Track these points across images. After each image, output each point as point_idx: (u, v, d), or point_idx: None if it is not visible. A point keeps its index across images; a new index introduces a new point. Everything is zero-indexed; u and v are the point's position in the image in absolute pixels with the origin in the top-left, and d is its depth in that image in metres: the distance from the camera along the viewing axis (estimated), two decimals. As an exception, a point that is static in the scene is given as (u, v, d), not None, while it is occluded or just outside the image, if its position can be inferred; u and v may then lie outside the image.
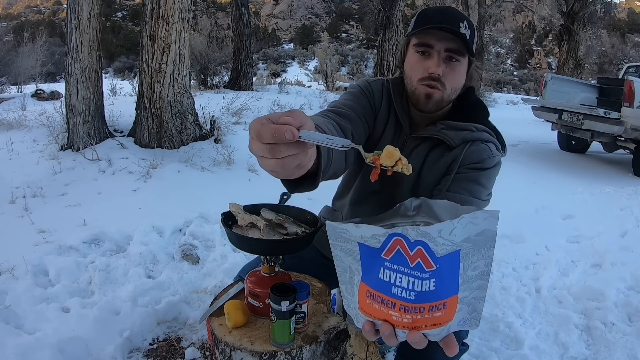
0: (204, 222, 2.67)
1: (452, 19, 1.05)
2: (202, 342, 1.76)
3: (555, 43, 16.08)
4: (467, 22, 1.06)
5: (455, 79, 1.09)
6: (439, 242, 0.56)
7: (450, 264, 0.58)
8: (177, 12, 3.71)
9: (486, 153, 1.13)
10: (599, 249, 2.69)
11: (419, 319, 0.59)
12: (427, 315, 0.59)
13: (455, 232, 0.56)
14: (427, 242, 0.56)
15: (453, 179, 1.13)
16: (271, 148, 0.58)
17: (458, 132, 1.14)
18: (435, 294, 0.58)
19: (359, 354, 1.05)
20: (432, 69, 1.06)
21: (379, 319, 0.63)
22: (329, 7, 58.76)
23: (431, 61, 1.07)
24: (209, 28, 16.15)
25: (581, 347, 1.82)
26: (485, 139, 1.15)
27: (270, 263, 1.14)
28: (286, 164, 0.60)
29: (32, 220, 2.66)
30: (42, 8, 60.46)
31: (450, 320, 0.61)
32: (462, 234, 0.57)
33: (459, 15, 1.08)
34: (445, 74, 1.07)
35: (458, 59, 1.07)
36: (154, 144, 3.93)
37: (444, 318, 0.60)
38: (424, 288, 0.58)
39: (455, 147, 1.14)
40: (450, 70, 1.08)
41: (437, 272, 0.57)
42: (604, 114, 4.79)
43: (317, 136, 0.59)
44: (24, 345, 1.52)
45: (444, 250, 0.57)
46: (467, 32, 1.06)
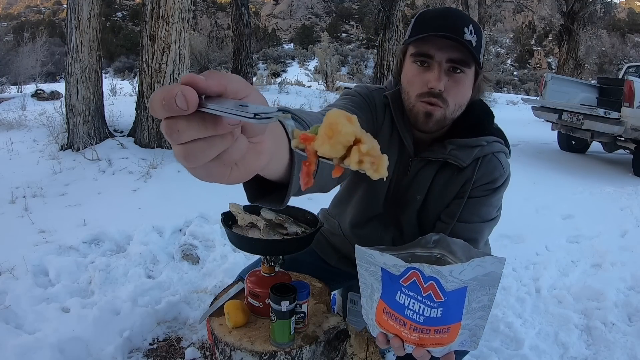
0: (204, 222, 2.67)
1: (455, 23, 0.91)
2: (202, 342, 1.76)
3: (555, 43, 16.08)
4: (474, 26, 0.92)
5: (459, 94, 0.95)
6: (449, 279, 0.66)
7: (457, 297, 0.68)
8: (177, 12, 3.71)
9: (498, 170, 1.04)
10: (599, 249, 2.69)
11: (425, 338, 0.70)
12: (433, 336, 0.70)
13: (464, 273, 0.66)
14: (439, 279, 0.66)
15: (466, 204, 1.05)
16: (167, 125, 0.34)
17: (470, 150, 1.03)
18: (441, 320, 0.68)
19: (359, 354, 1.05)
20: (432, 83, 0.92)
21: (391, 333, 0.74)
22: (329, 7, 58.76)
23: (431, 74, 0.93)
24: (209, 28, 16.17)
25: (581, 347, 1.82)
26: (497, 149, 1.06)
27: (270, 263, 1.14)
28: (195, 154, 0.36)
29: (32, 220, 2.66)
30: (42, 8, 60.47)
31: (452, 342, 0.71)
32: (471, 274, 0.67)
33: (463, 18, 0.93)
34: (447, 88, 0.93)
35: (462, 70, 0.93)
36: (154, 144, 3.93)
37: (447, 340, 0.71)
38: (432, 314, 0.68)
39: (466, 167, 1.04)
40: (454, 83, 0.94)
41: (444, 303, 0.67)
42: (604, 114, 4.79)
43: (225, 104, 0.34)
44: (24, 345, 1.52)
45: (452, 287, 0.67)
46: (473, 39, 0.91)
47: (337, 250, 1.33)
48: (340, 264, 1.34)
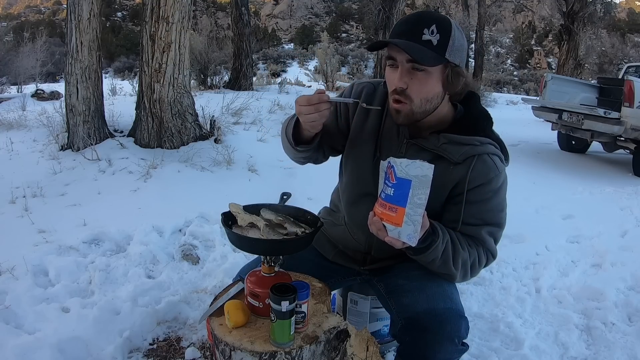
0: (204, 222, 2.67)
1: (415, 27, 1.01)
2: (202, 342, 1.76)
3: (555, 43, 16.09)
4: (437, 26, 1.01)
5: (422, 90, 1.05)
6: (399, 169, 0.94)
7: (404, 186, 0.94)
8: (177, 12, 3.71)
9: (493, 171, 1.11)
10: (599, 249, 2.69)
11: (383, 213, 0.98)
12: (387, 211, 0.98)
13: (409, 167, 0.94)
14: (394, 166, 0.95)
15: (466, 208, 1.13)
16: (316, 107, 1.04)
17: (460, 147, 1.11)
18: (392, 198, 0.96)
19: (359, 354, 1.05)
20: (395, 82, 1.05)
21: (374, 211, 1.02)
22: (329, 7, 58.74)
23: (396, 74, 1.05)
24: (209, 28, 16.15)
25: (581, 347, 1.82)
26: (491, 152, 1.13)
27: (270, 263, 1.14)
28: (323, 115, 1.06)
29: (32, 220, 2.66)
30: (42, 8, 60.45)
31: (400, 226, 0.96)
32: (413, 170, 0.94)
33: (425, 20, 1.02)
34: (410, 85, 1.04)
35: (423, 68, 1.02)
36: (154, 144, 3.93)
37: (394, 220, 0.96)
38: (388, 192, 0.97)
39: (459, 163, 1.11)
40: (416, 81, 1.04)
41: (395, 186, 0.95)
42: (604, 114, 4.79)
43: (336, 99, 1.17)
44: (24, 345, 1.52)
45: (402, 174, 0.94)
46: (435, 37, 1.01)
47: (334, 246, 1.39)
48: (337, 257, 1.39)
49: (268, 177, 3.63)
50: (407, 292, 1.18)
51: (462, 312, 1.14)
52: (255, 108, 5.93)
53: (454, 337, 1.09)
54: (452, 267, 1.12)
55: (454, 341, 1.09)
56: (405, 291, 1.19)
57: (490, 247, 1.19)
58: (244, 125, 5.21)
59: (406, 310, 1.15)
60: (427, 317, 1.09)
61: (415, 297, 1.15)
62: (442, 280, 1.19)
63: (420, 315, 1.11)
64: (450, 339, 1.08)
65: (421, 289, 1.16)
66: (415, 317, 1.11)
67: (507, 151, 1.19)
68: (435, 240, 1.06)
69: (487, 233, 1.16)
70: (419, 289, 1.17)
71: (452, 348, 1.10)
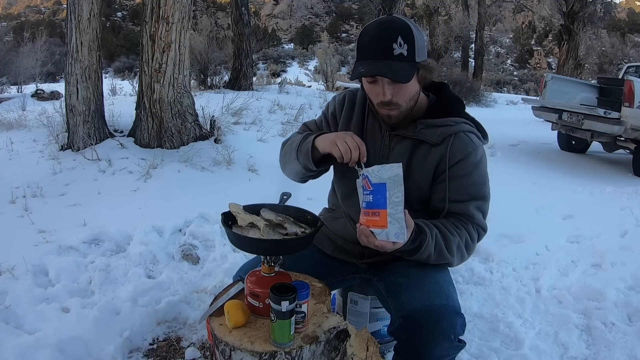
0: (204, 222, 2.67)
1: (385, 44, 1.07)
2: (202, 342, 1.76)
3: (555, 43, 16.09)
4: (402, 36, 1.07)
5: (405, 94, 1.15)
6: (372, 176, 1.03)
7: (380, 190, 1.01)
8: (177, 12, 3.71)
9: (470, 146, 1.19)
10: (599, 249, 2.69)
11: (368, 220, 1.04)
12: (370, 217, 1.04)
13: (380, 172, 1.02)
14: (368, 176, 1.03)
15: (450, 184, 1.20)
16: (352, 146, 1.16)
17: (437, 129, 1.20)
18: (372, 204, 1.03)
19: (359, 354, 1.05)
20: (380, 97, 1.14)
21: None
22: (329, 7, 58.73)
23: (378, 88, 1.13)
24: (209, 28, 16.18)
25: (581, 347, 1.82)
26: (466, 129, 1.21)
27: (270, 263, 1.14)
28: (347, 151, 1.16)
29: (32, 220, 2.66)
30: (42, 8, 60.44)
31: (386, 227, 1.01)
32: (386, 174, 1.01)
33: (391, 34, 1.08)
34: (394, 95, 1.13)
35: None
36: (154, 144, 3.93)
37: (380, 223, 1.02)
38: (367, 199, 1.04)
39: (439, 144, 1.20)
40: (398, 89, 1.13)
41: (372, 192, 1.03)
42: (604, 114, 4.79)
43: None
44: (24, 345, 1.52)
45: (376, 180, 1.02)
46: (404, 48, 1.07)
47: (333, 242, 1.42)
48: (335, 252, 1.42)
49: (268, 177, 3.63)
50: (405, 290, 1.20)
51: (458, 308, 1.16)
52: (255, 108, 5.94)
53: (449, 334, 1.10)
54: (448, 255, 1.17)
55: (450, 337, 1.11)
56: (403, 289, 1.21)
57: (479, 222, 1.24)
58: (244, 125, 5.21)
59: (403, 308, 1.16)
60: (423, 313, 1.11)
61: (412, 295, 1.17)
62: (439, 277, 1.21)
63: (416, 312, 1.12)
64: (445, 335, 1.10)
65: (418, 286, 1.19)
66: (412, 314, 1.13)
67: (483, 129, 1.27)
68: (424, 238, 1.12)
69: (474, 208, 1.21)
70: (415, 287, 1.19)
71: (448, 344, 1.11)
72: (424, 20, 15.92)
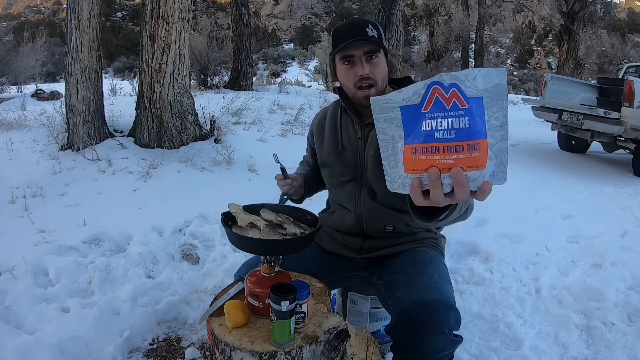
0: (204, 222, 2.67)
1: (359, 28, 1.26)
2: (202, 342, 1.76)
3: (555, 43, 16.08)
4: (371, 25, 1.28)
5: (380, 71, 1.30)
6: (467, 84, 0.69)
7: (477, 106, 0.69)
8: (177, 12, 3.71)
9: None
10: (599, 249, 2.69)
11: (460, 159, 0.70)
12: (466, 154, 0.70)
13: (477, 80, 0.69)
14: (459, 84, 0.69)
15: None
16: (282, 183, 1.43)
17: None
18: (470, 132, 0.69)
19: (359, 354, 1.05)
20: (360, 72, 1.27)
21: (425, 168, 0.73)
22: (329, 7, 58.72)
23: (357, 67, 1.28)
24: (209, 28, 16.17)
25: (581, 347, 1.82)
26: None
27: (270, 263, 1.14)
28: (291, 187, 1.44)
29: (32, 220, 2.66)
30: (42, 8, 60.42)
31: (485, 166, 0.70)
32: (482, 83, 0.69)
33: (363, 22, 1.29)
34: (371, 70, 1.28)
35: (376, 55, 1.28)
36: (154, 144, 3.93)
37: (480, 160, 0.70)
38: (461, 125, 0.69)
39: None
40: (374, 66, 1.28)
41: (469, 111, 0.69)
42: (604, 114, 4.78)
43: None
44: (24, 345, 1.52)
45: (471, 93, 0.69)
46: (375, 33, 1.27)
47: (332, 238, 1.47)
48: (335, 248, 1.46)
49: (268, 177, 3.61)
50: (401, 286, 1.22)
51: (451, 303, 1.17)
52: (255, 108, 5.93)
53: (443, 328, 1.11)
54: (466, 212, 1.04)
55: (444, 331, 1.11)
56: (399, 286, 1.23)
57: None
58: (244, 125, 5.21)
59: (399, 305, 1.18)
60: (417, 308, 1.13)
61: (407, 291, 1.19)
62: (434, 273, 1.24)
63: (410, 308, 1.14)
64: (440, 329, 1.10)
65: (413, 282, 1.21)
66: (406, 310, 1.14)
67: None
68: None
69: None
70: (410, 283, 1.21)
71: (443, 338, 1.11)
72: (424, 20, 15.92)
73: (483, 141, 0.70)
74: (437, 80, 0.71)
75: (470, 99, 0.69)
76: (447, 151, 0.71)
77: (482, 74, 0.69)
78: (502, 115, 0.71)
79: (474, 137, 0.69)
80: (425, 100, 0.72)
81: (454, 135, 0.70)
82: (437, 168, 0.72)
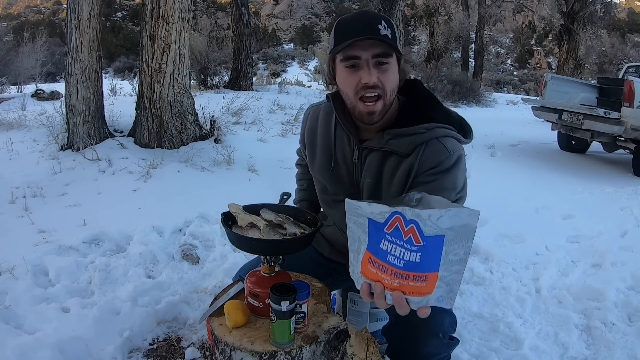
0: (204, 222, 2.67)
1: (370, 23, 1.02)
2: (202, 342, 1.76)
3: (555, 43, 16.07)
4: (385, 21, 1.04)
5: (390, 80, 1.07)
6: (427, 224, 0.70)
7: (434, 244, 0.71)
8: (177, 12, 3.71)
9: (443, 153, 1.09)
10: (599, 249, 2.69)
11: (404, 285, 0.74)
12: (411, 282, 0.73)
13: (442, 220, 0.70)
14: (419, 222, 0.71)
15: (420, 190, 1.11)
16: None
17: (407, 139, 1.10)
18: (419, 265, 0.72)
19: (359, 354, 1.05)
20: (365, 79, 1.04)
21: (374, 280, 0.79)
22: (329, 7, 58.72)
23: (362, 72, 1.04)
24: (209, 28, 16.18)
25: (581, 347, 1.82)
26: (439, 135, 1.10)
27: (270, 263, 1.14)
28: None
29: (32, 220, 2.65)
30: (42, 8, 60.42)
31: (430, 293, 0.73)
32: (448, 223, 0.70)
33: (375, 17, 1.05)
34: (379, 79, 1.05)
35: (387, 61, 1.05)
36: (154, 144, 3.93)
37: (424, 289, 0.73)
38: (412, 259, 0.72)
39: (409, 154, 1.11)
40: (383, 73, 1.05)
41: (423, 248, 0.71)
42: (604, 114, 4.79)
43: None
44: (24, 345, 1.52)
45: (430, 232, 0.70)
46: (388, 32, 1.03)
47: (329, 243, 1.43)
48: (332, 254, 1.42)
49: (268, 177, 3.63)
50: None
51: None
52: (255, 108, 5.93)
53: (437, 332, 1.10)
54: None
55: (438, 335, 1.10)
56: None
57: None
58: (244, 125, 5.21)
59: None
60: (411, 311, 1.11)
61: None
62: None
63: None
64: (433, 333, 1.09)
65: None
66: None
67: (468, 127, 1.17)
68: None
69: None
70: None
71: (437, 342, 1.11)
72: (424, 20, 15.91)
73: (432, 274, 0.72)
74: (400, 212, 0.73)
75: (428, 237, 0.71)
76: (394, 275, 0.74)
77: (449, 214, 0.70)
78: (463, 253, 0.72)
79: (422, 270, 0.72)
80: (387, 224, 0.75)
81: (403, 265, 0.73)
82: (382, 285, 0.77)
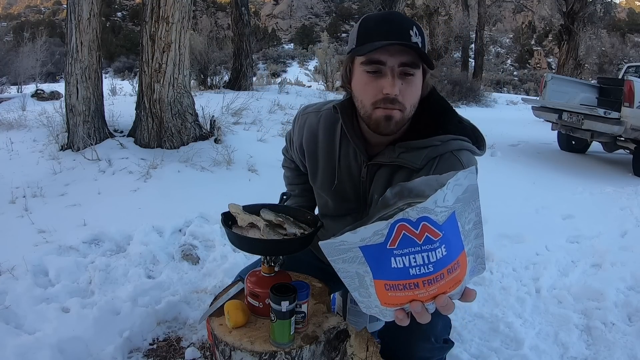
0: (204, 222, 2.67)
1: (401, 27, 0.91)
2: (202, 342, 1.76)
3: (555, 43, 16.08)
4: (417, 28, 0.93)
5: (412, 95, 0.97)
6: (437, 211, 0.63)
7: (451, 226, 0.65)
8: (177, 12, 3.71)
9: (457, 167, 1.00)
10: (599, 249, 2.69)
11: (442, 286, 0.66)
12: (448, 278, 0.66)
13: (447, 198, 0.63)
14: (429, 216, 0.63)
15: None
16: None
17: (420, 152, 1.02)
18: (448, 257, 0.65)
19: (359, 354, 1.05)
20: (388, 89, 0.92)
21: (405, 303, 0.68)
22: (329, 7, 58.72)
23: (385, 80, 0.93)
24: (209, 28, 16.16)
25: (581, 347, 1.82)
26: (455, 148, 1.02)
27: (270, 263, 1.14)
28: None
29: (32, 220, 2.65)
30: (42, 8, 60.40)
31: (465, 274, 0.68)
32: (452, 197, 0.64)
33: (407, 20, 0.94)
34: (401, 91, 0.94)
35: (413, 72, 0.94)
36: (154, 144, 3.93)
37: (461, 275, 0.67)
38: (438, 256, 0.64)
39: (421, 168, 1.02)
40: (407, 86, 0.94)
41: (444, 238, 0.64)
42: (604, 114, 4.79)
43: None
44: (24, 345, 1.52)
45: (443, 217, 0.63)
46: (419, 40, 0.93)
47: None
48: None
49: (268, 177, 3.63)
50: None
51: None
52: (255, 108, 5.93)
53: (429, 336, 1.10)
54: None
55: (431, 339, 1.10)
56: None
57: None
58: (244, 125, 5.21)
59: None
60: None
61: None
62: None
63: None
64: (425, 337, 1.09)
65: None
66: None
67: (481, 135, 1.09)
68: None
69: None
70: None
71: (429, 346, 1.10)
72: (424, 20, 15.91)
73: (462, 255, 0.67)
74: (403, 218, 0.63)
75: (443, 224, 0.64)
76: (428, 284, 0.66)
77: (451, 187, 0.63)
78: (475, 215, 0.67)
79: (453, 258, 0.66)
80: (390, 238, 0.64)
81: (433, 268, 0.65)
82: (420, 301, 0.68)
